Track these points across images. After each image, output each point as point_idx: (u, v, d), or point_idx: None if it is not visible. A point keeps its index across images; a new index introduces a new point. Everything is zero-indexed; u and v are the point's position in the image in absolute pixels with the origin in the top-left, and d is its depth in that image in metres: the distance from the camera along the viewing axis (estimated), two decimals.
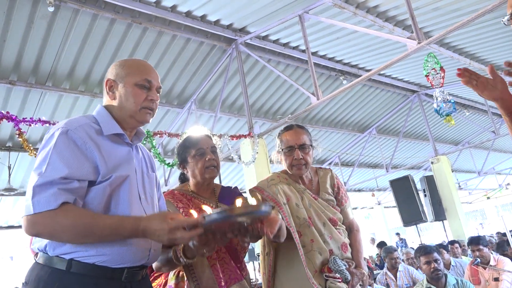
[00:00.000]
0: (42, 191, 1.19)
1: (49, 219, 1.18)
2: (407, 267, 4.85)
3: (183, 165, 1.90)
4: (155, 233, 1.22)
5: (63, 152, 1.25)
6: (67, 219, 1.19)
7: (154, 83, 1.45)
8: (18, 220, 8.89)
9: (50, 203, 1.18)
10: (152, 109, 1.44)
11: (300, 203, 2.03)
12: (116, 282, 1.29)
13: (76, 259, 1.24)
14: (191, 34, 5.49)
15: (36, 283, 1.23)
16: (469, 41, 6.53)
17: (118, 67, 1.45)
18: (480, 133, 12.26)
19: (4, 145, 6.17)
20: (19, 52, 4.86)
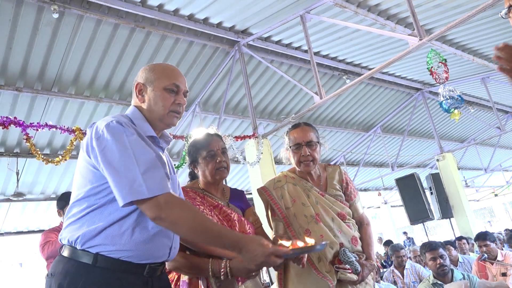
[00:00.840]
0: (150, 176, 1.26)
1: (177, 205, 1.27)
2: (414, 265, 4.85)
3: (194, 165, 1.94)
4: (253, 253, 1.30)
5: (136, 138, 1.32)
6: (190, 211, 1.29)
7: (182, 88, 1.50)
8: (27, 226, 8.96)
9: (164, 187, 1.27)
10: (179, 113, 1.50)
11: (307, 202, 2.08)
12: (139, 276, 1.34)
13: (102, 254, 1.29)
14: (194, 37, 5.54)
15: (62, 276, 1.27)
16: (472, 37, 6.52)
17: (148, 71, 1.50)
18: (485, 129, 12.20)
19: (12, 151, 6.24)
20: (25, 59, 4.93)
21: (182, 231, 1.31)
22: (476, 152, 12.87)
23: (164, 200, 1.25)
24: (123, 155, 1.27)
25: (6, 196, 7.12)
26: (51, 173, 7.04)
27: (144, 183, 1.24)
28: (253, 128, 5.92)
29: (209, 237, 1.31)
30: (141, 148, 1.30)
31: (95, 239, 1.29)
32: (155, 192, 1.25)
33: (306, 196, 2.10)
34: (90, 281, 1.26)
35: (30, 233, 9.07)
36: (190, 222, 1.27)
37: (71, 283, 1.25)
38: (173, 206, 1.26)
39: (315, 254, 1.98)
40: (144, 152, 1.30)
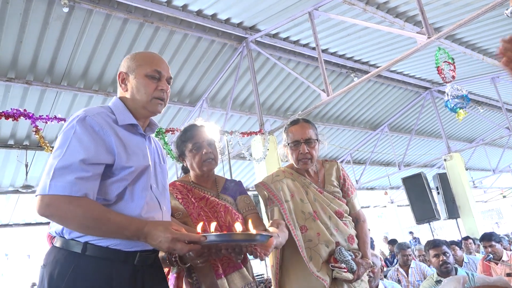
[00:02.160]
0: (61, 175, 1.24)
1: (63, 204, 1.23)
2: (419, 264, 4.83)
3: (182, 158, 1.94)
4: (157, 239, 1.27)
5: (82, 136, 1.30)
6: (80, 208, 1.24)
7: (164, 74, 1.49)
8: (35, 218, 9.08)
9: (65, 189, 1.23)
10: (163, 99, 1.49)
11: (305, 198, 2.06)
12: (129, 265, 1.34)
13: (91, 242, 1.30)
14: (202, 32, 5.56)
15: (53, 265, 1.29)
16: (481, 36, 6.46)
17: (129, 60, 1.51)
18: (494, 130, 12.09)
19: (21, 143, 6.33)
20: (35, 53, 4.99)
21: (72, 228, 1.29)
22: (485, 152, 12.76)
23: (55, 199, 1.23)
24: (59, 148, 1.30)
25: (15, 188, 7.23)
26: None
27: (49, 179, 1.24)
28: (260, 125, 5.93)
29: (106, 231, 1.28)
30: (78, 147, 1.29)
31: None
32: (54, 191, 1.23)
33: (304, 193, 2.07)
34: (79, 270, 1.27)
35: (38, 225, 9.18)
36: (78, 220, 1.24)
37: (61, 272, 1.26)
38: (61, 203, 1.23)
39: (307, 252, 1.95)
40: (77, 151, 1.28)
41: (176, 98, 6.70)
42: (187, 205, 1.81)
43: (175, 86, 6.44)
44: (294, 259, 2.00)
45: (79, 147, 1.28)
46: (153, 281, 1.42)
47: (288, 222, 1.96)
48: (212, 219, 1.74)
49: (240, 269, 1.77)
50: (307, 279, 1.93)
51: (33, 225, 9.22)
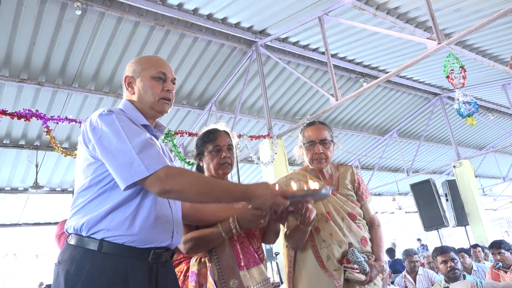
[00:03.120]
0: (147, 155, 1.31)
1: (177, 175, 1.31)
2: (427, 271, 4.79)
3: (200, 157, 1.99)
4: (262, 197, 1.37)
5: (128, 123, 1.38)
6: (191, 176, 1.35)
7: (169, 75, 1.56)
8: (44, 218, 9.17)
9: (161, 162, 1.32)
10: (169, 99, 1.55)
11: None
12: (143, 262, 1.37)
13: (107, 240, 1.32)
14: (212, 36, 5.60)
15: (69, 263, 1.31)
16: (492, 42, 6.43)
17: (134, 64, 1.56)
18: (505, 137, 11.97)
19: (32, 144, 6.41)
20: (47, 54, 5.07)
21: (190, 196, 1.35)
22: (495, 160, 12.63)
23: (165, 173, 1.30)
24: (118, 141, 1.32)
25: (25, 188, 7.32)
26: (69, 166, 7.20)
27: (142, 163, 1.29)
28: (268, 128, 5.94)
29: (217, 195, 1.37)
30: (133, 131, 1.35)
31: (99, 224, 1.33)
32: (154, 168, 1.29)
33: None
34: (96, 267, 1.29)
35: (47, 225, 9.26)
36: (195, 186, 1.32)
37: (77, 269, 1.28)
38: (174, 176, 1.30)
39: (325, 252, 1.98)
40: (136, 133, 1.35)
41: (185, 101, 6.75)
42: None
43: (185, 89, 6.48)
44: (307, 260, 2.03)
45: (135, 129, 1.37)
46: (166, 278, 1.45)
47: None
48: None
49: (259, 265, 1.85)
50: (320, 279, 1.96)
51: (42, 225, 9.31)
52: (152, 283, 1.38)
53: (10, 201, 8.04)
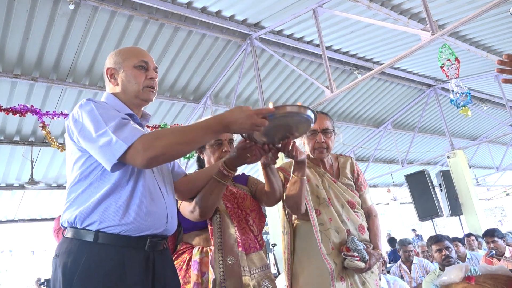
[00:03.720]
0: (121, 130, 1.32)
1: (152, 139, 1.31)
2: (422, 260, 4.87)
3: (201, 150, 2.02)
4: (238, 121, 1.34)
5: (105, 107, 1.40)
6: (166, 134, 1.33)
7: (150, 64, 1.57)
8: (40, 214, 9.16)
9: (136, 133, 1.32)
10: (154, 87, 1.56)
11: (320, 184, 2.13)
12: (140, 251, 1.38)
13: (102, 230, 1.33)
14: (207, 29, 5.58)
15: (66, 255, 1.32)
16: (486, 33, 6.46)
17: (115, 56, 1.58)
18: (498, 127, 12.07)
19: (27, 140, 6.39)
20: (41, 50, 5.03)
21: (173, 153, 1.34)
22: (488, 150, 12.75)
23: (142, 142, 1.30)
24: (96, 126, 1.34)
25: (21, 184, 7.30)
26: (64, 162, 7.13)
27: (118, 139, 1.29)
28: None
29: (196, 137, 1.36)
30: (109, 114, 1.36)
31: (91, 216, 1.34)
32: (131, 140, 1.29)
33: (320, 180, 2.14)
34: (92, 258, 1.30)
35: (43, 221, 9.25)
36: (173, 141, 1.31)
37: (74, 261, 1.30)
38: (151, 141, 1.30)
39: (320, 236, 2.00)
40: (111, 116, 1.36)
41: (180, 94, 6.74)
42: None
43: (179, 82, 6.47)
44: (305, 244, 2.07)
45: (111, 113, 1.37)
46: (163, 266, 1.47)
47: (306, 201, 2.02)
48: (233, 206, 1.88)
49: (259, 251, 1.90)
50: (319, 264, 1.99)
51: (38, 221, 9.30)
52: (149, 272, 1.39)
53: (6, 197, 8.02)
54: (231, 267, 1.71)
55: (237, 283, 1.69)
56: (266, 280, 1.84)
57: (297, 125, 1.54)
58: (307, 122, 1.53)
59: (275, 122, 1.43)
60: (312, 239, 2.01)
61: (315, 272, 2.00)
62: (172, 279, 1.51)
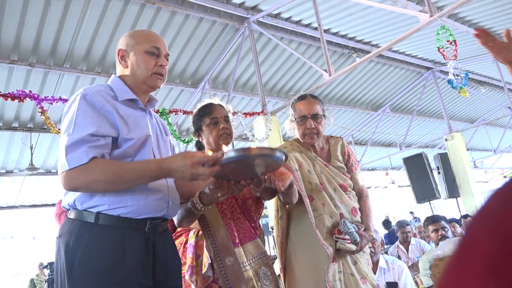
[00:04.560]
0: (73, 150, 1.31)
1: (83, 173, 1.29)
2: (419, 241, 4.94)
3: (199, 133, 2.00)
4: (178, 169, 1.31)
5: (86, 113, 1.36)
6: (98, 170, 1.30)
7: (162, 50, 1.55)
8: (41, 200, 9.21)
9: (82, 158, 1.29)
10: (162, 75, 1.55)
11: (312, 170, 2.11)
12: (140, 232, 1.41)
13: (103, 212, 1.36)
14: (204, 13, 5.54)
15: (68, 235, 1.35)
16: (484, 15, 6.43)
17: (128, 38, 1.56)
18: (496, 110, 12.08)
19: (26, 126, 6.38)
20: (37, 35, 5.00)
21: (98, 190, 1.35)
22: (486, 132, 12.78)
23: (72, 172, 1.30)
24: (67, 127, 1.36)
25: (21, 170, 7.32)
26: None
27: (65, 156, 1.30)
28: (262, 105, 5.96)
29: (130, 180, 1.34)
30: (84, 121, 1.35)
31: (92, 198, 1.37)
32: (70, 166, 1.29)
33: (311, 165, 2.14)
34: (93, 239, 1.33)
35: (44, 207, 9.30)
36: (102, 178, 1.30)
37: (76, 241, 1.33)
38: (78, 173, 1.29)
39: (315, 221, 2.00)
40: (83, 125, 1.33)
41: (178, 79, 6.72)
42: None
43: (177, 67, 6.44)
44: (300, 230, 2.07)
45: (85, 123, 1.34)
46: (163, 247, 1.49)
47: (300, 189, 2.01)
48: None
49: (255, 239, 1.88)
50: (313, 247, 2.00)
51: (39, 207, 9.34)
52: (150, 253, 1.41)
53: (6, 183, 8.05)
54: (231, 267, 1.73)
55: (241, 281, 1.71)
56: (263, 267, 1.85)
57: (258, 166, 1.40)
58: (269, 161, 1.41)
59: (230, 166, 1.34)
60: (305, 223, 2.01)
61: (309, 256, 2.01)
62: (173, 260, 1.54)
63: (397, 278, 3.22)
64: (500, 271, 0.26)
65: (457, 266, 0.30)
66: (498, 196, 0.30)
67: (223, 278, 1.71)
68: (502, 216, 0.28)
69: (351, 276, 2.02)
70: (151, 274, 1.41)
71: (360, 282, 2.02)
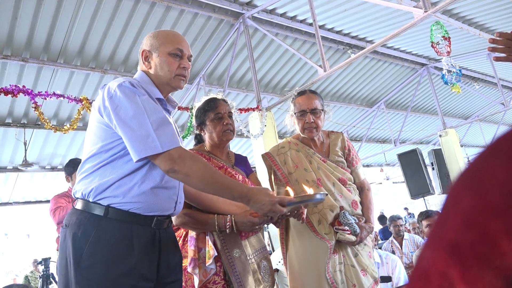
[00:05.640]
0: (163, 132, 1.35)
1: (189, 159, 1.35)
2: (413, 236, 4.99)
3: (201, 127, 2.01)
4: (261, 202, 1.41)
5: (147, 98, 1.41)
6: (200, 164, 1.37)
7: (186, 52, 1.57)
8: (35, 196, 9.16)
9: (176, 141, 1.36)
10: (185, 76, 1.57)
11: (309, 167, 2.15)
12: (147, 228, 1.43)
13: (113, 206, 1.37)
14: (199, 8, 5.52)
15: (76, 226, 1.37)
16: (478, 11, 6.45)
17: (152, 38, 1.57)
18: (490, 106, 12.16)
19: (19, 121, 6.34)
20: (30, 30, 4.95)
21: (194, 182, 1.39)
22: (480, 129, 12.86)
23: (177, 154, 1.35)
24: (136, 113, 1.35)
25: (15, 166, 7.28)
26: (58, 144, 7.16)
27: (157, 139, 1.33)
28: (257, 101, 5.96)
29: (219, 188, 1.40)
30: (152, 107, 1.39)
31: (106, 191, 1.38)
32: (168, 147, 1.34)
33: (308, 162, 2.17)
34: (102, 231, 1.35)
35: (38, 203, 9.26)
36: (201, 174, 1.36)
37: (84, 233, 1.35)
38: (185, 159, 1.35)
39: (316, 217, 2.06)
40: (155, 110, 1.38)
41: None
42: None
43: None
44: (299, 224, 2.09)
45: (154, 106, 1.39)
46: (167, 243, 1.53)
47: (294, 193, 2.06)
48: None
49: (257, 233, 1.95)
50: (312, 241, 2.05)
51: (33, 203, 9.30)
52: (156, 248, 1.45)
53: (0, 180, 8.00)
54: (240, 259, 1.78)
55: (248, 273, 1.76)
56: (263, 260, 1.90)
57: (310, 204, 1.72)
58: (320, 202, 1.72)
59: (292, 206, 1.56)
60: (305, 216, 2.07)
61: (310, 247, 2.05)
62: (174, 254, 1.57)
63: (391, 273, 3.25)
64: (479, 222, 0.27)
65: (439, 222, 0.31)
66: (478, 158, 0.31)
67: (232, 269, 1.74)
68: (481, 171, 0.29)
69: (352, 268, 2.05)
70: (155, 269, 1.44)
71: (361, 274, 2.05)
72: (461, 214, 0.29)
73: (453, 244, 0.29)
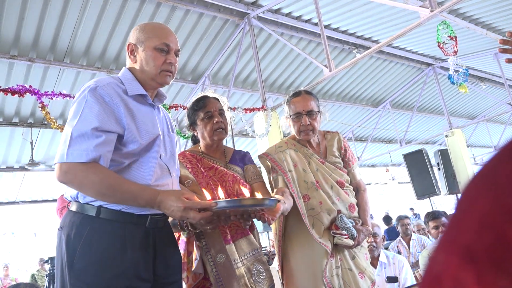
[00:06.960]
0: (76, 143, 1.31)
1: (81, 172, 1.29)
2: (420, 236, 4.96)
3: (193, 128, 1.98)
4: (170, 208, 1.32)
5: (93, 106, 1.35)
6: (96, 176, 1.30)
7: (173, 47, 1.52)
8: (42, 195, 9.22)
9: (82, 156, 1.29)
10: (172, 72, 1.53)
11: (307, 168, 2.11)
12: (141, 227, 1.42)
13: (104, 206, 1.37)
14: (204, 8, 5.53)
15: (70, 228, 1.36)
16: (485, 10, 6.40)
17: (139, 31, 1.53)
18: (497, 106, 12.07)
19: (26, 121, 6.39)
20: (37, 30, 4.99)
21: (89, 194, 1.34)
22: (486, 129, 12.76)
23: (67, 167, 1.30)
24: (71, 119, 1.36)
25: (21, 165, 7.33)
26: None
27: (66, 148, 1.30)
28: (262, 101, 5.95)
29: (121, 197, 1.34)
30: (89, 115, 1.34)
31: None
32: (71, 159, 1.29)
33: (307, 163, 2.13)
34: (94, 232, 1.34)
35: (45, 202, 9.31)
36: (96, 187, 1.30)
37: (77, 233, 1.34)
38: (76, 172, 1.30)
39: (310, 220, 2.00)
40: (88, 119, 1.33)
41: (179, 75, 6.71)
42: (196, 174, 1.87)
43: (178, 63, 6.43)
44: (297, 227, 2.07)
45: (91, 116, 1.33)
46: (164, 242, 1.50)
47: (292, 190, 2.02)
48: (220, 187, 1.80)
49: (247, 236, 1.84)
50: (310, 245, 2.01)
51: (40, 202, 9.36)
52: (150, 247, 1.42)
53: (7, 179, 8.06)
54: (223, 264, 1.71)
55: (233, 279, 1.69)
56: (257, 263, 1.82)
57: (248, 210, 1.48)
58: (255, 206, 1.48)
59: (222, 212, 1.40)
60: (302, 221, 2.01)
61: (307, 251, 2.02)
62: (173, 255, 1.55)
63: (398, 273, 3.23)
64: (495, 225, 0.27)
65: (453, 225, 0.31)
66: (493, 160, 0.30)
67: (214, 275, 1.69)
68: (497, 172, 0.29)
69: (349, 271, 2.02)
70: (151, 269, 1.42)
71: (358, 277, 2.03)
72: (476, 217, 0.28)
73: (468, 248, 0.28)
